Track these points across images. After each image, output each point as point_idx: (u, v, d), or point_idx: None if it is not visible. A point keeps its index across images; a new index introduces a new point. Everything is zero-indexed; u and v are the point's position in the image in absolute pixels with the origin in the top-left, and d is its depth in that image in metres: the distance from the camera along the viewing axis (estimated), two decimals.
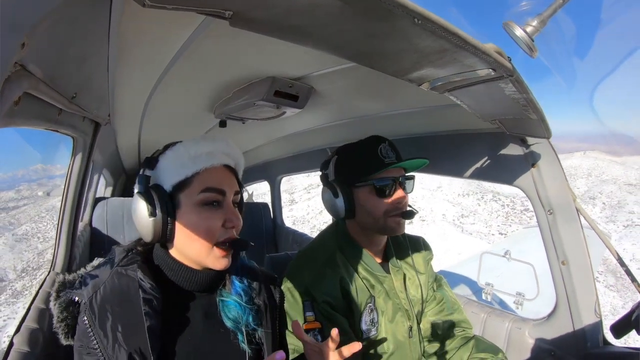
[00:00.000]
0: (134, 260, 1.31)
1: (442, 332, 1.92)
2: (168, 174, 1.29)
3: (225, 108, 2.29)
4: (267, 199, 4.92)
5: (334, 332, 1.37)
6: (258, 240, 4.43)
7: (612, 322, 1.53)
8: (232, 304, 1.37)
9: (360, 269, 1.81)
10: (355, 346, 1.37)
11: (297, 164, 4.06)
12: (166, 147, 1.34)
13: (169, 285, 1.32)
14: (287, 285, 1.71)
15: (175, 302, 1.31)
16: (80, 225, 2.50)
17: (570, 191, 1.85)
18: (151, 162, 1.32)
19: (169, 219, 1.25)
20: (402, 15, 0.80)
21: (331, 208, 1.87)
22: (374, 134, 1.85)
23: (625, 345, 1.79)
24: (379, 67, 1.19)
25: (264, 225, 4.58)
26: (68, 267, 2.33)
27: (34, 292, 2.01)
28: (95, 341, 1.17)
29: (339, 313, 1.68)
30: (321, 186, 1.92)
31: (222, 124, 2.65)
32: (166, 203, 1.25)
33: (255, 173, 4.89)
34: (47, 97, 1.14)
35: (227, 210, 1.30)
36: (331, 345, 1.36)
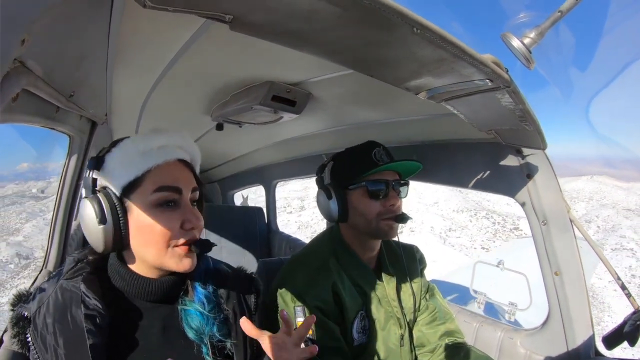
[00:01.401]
0: (80, 272, 1.21)
1: (434, 341, 1.92)
2: (116, 174, 1.17)
3: (222, 111, 2.29)
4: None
5: (311, 318, 1.25)
6: (252, 244, 4.41)
7: (604, 333, 1.53)
8: (194, 313, 1.25)
9: (353, 275, 1.80)
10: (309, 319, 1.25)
11: (292, 169, 4.06)
12: (113, 144, 1.22)
13: (121, 297, 1.23)
14: (278, 290, 1.71)
15: (128, 316, 1.22)
16: (74, 224, 2.48)
17: (565, 202, 1.86)
18: (97, 162, 1.19)
19: (120, 224, 1.15)
20: (401, 24, 0.81)
21: (325, 211, 1.87)
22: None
23: (617, 357, 1.80)
24: (376, 75, 1.20)
25: (257, 229, 4.56)
26: (60, 265, 2.32)
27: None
28: (38, 358, 1.11)
29: (331, 319, 1.67)
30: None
31: (219, 127, 2.65)
32: (115, 207, 1.14)
33: (250, 177, 4.87)
34: (45, 95, 1.13)
35: (184, 209, 1.20)
36: (285, 328, 1.20)
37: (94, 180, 1.19)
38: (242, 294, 1.40)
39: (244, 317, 1.21)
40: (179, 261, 1.18)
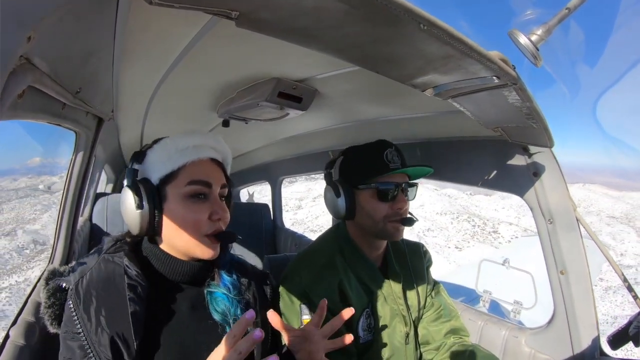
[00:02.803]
0: (122, 248, 1.34)
1: (439, 339, 1.92)
2: (155, 167, 1.33)
3: (228, 108, 2.29)
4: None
5: (323, 302, 1.38)
6: (257, 240, 4.42)
7: (610, 333, 1.53)
8: (220, 296, 1.38)
9: (359, 273, 1.80)
10: (347, 338, 1.37)
11: (298, 165, 4.06)
12: (155, 142, 1.38)
13: (156, 276, 1.34)
14: (284, 287, 1.70)
15: (162, 293, 1.32)
16: (80, 220, 2.49)
17: (571, 201, 1.85)
18: (139, 156, 1.36)
19: (155, 211, 1.28)
20: (408, 21, 0.80)
21: (332, 207, 1.87)
22: (376, 138, 1.86)
23: (622, 357, 1.79)
24: (383, 72, 1.19)
25: (263, 226, 4.57)
26: (67, 261, 2.33)
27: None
28: (78, 325, 1.18)
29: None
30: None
31: (225, 123, 2.65)
32: (153, 196, 1.27)
33: (256, 174, 4.88)
34: (51, 91, 1.14)
35: (213, 202, 1.33)
36: (317, 320, 1.36)
37: (135, 172, 1.34)
38: (260, 284, 1.57)
39: (270, 309, 1.37)
40: (205, 249, 1.31)
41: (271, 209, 4.74)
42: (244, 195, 5.80)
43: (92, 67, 1.40)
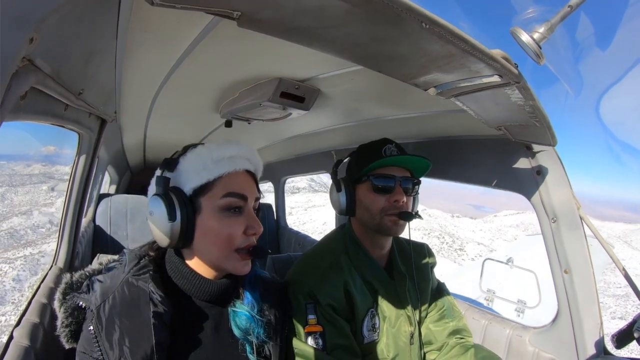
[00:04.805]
0: (147, 270, 1.28)
1: (441, 339, 1.92)
2: (189, 176, 1.26)
3: (231, 108, 2.30)
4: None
5: None
6: (261, 241, 4.40)
7: (614, 332, 1.52)
8: (243, 315, 1.33)
9: (364, 272, 1.80)
10: None
11: (301, 165, 4.06)
12: (186, 149, 1.31)
13: (180, 295, 1.30)
14: (290, 287, 1.70)
15: (186, 314, 1.29)
16: (84, 221, 2.50)
17: (575, 200, 1.84)
18: (171, 163, 1.28)
19: (188, 223, 1.21)
20: (410, 19, 0.80)
21: (334, 203, 1.91)
22: (379, 137, 1.87)
23: (626, 356, 1.78)
24: (385, 71, 1.19)
25: (266, 226, 4.57)
26: (70, 262, 2.34)
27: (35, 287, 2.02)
28: (100, 352, 1.14)
29: (342, 317, 1.67)
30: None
31: (228, 124, 2.66)
32: (187, 207, 1.21)
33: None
34: (53, 93, 1.14)
35: (248, 216, 1.29)
36: None
37: (167, 180, 1.26)
38: (281, 301, 1.53)
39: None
40: (238, 264, 1.27)
41: (274, 209, 4.74)
42: None
43: (95, 68, 1.40)
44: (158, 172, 1.30)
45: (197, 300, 1.32)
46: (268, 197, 5.01)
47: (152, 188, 1.28)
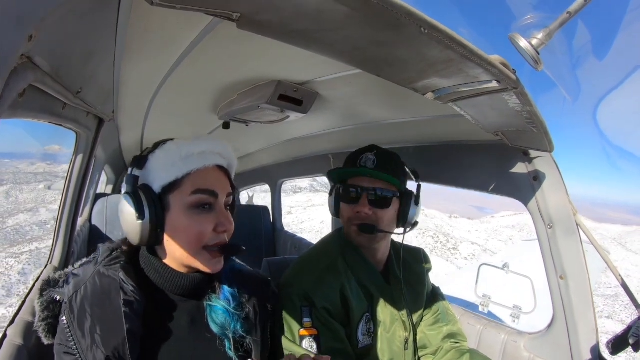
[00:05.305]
0: (118, 261, 1.27)
1: (436, 343, 1.91)
2: (157, 174, 1.24)
3: (229, 110, 2.30)
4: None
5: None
6: (257, 243, 4.42)
7: (609, 338, 1.52)
8: (220, 310, 1.31)
9: (360, 276, 1.79)
10: None
11: (298, 168, 4.06)
12: (156, 146, 1.30)
13: (154, 289, 1.29)
14: (285, 290, 1.70)
15: (160, 307, 1.28)
16: (80, 221, 2.49)
17: (571, 205, 1.84)
18: (140, 161, 1.27)
19: (157, 222, 1.20)
20: (409, 24, 0.81)
21: (328, 205, 1.97)
22: (376, 141, 1.87)
23: None
24: (384, 75, 1.20)
25: (263, 228, 4.56)
26: (65, 262, 2.33)
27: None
28: (73, 342, 1.14)
29: (337, 321, 1.67)
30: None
31: (226, 125, 2.65)
32: (155, 205, 1.20)
33: (256, 176, 4.88)
34: (52, 91, 1.14)
35: (219, 213, 1.27)
36: None
37: (136, 178, 1.25)
38: (261, 295, 1.48)
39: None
40: (208, 262, 1.26)
41: (271, 212, 4.74)
42: (243, 197, 5.79)
43: (93, 67, 1.40)
44: (128, 170, 1.29)
45: (171, 295, 1.31)
46: (267, 198, 5.01)
47: (123, 187, 1.27)
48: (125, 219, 1.21)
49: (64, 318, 1.17)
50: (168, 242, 1.25)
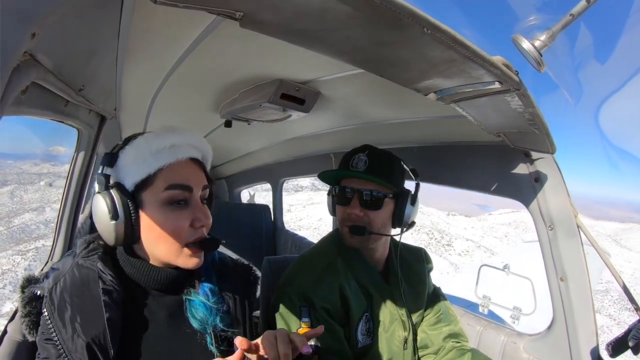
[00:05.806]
0: (95, 252, 1.25)
1: (438, 343, 1.91)
2: (129, 171, 1.20)
3: (231, 108, 2.30)
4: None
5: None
6: (257, 242, 4.41)
7: (609, 341, 1.52)
8: (199, 305, 1.28)
9: (359, 276, 1.79)
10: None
11: (300, 167, 4.05)
12: (126, 141, 1.25)
13: (131, 282, 1.26)
14: (285, 289, 1.70)
15: (138, 301, 1.25)
16: (81, 217, 2.49)
17: (572, 207, 1.84)
18: (110, 159, 1.22)
19: (132, 221, 1.17)
20: (411, 24, 0.81)
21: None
22: (378, 140, 1.87)
23: None
24: (386, 75, 1.19)
25: (264, 227, 4.56)
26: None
27: None
28: (54, 332, 1.13)
29: (336, 321, 1.67)
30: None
31: (228, 123, 2.65)
32: (128, 204, 1.17)
33: (257, 175, 4.88)
34: (54, 88, 1.14)
35: (195, 208, 1.22)
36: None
37: (107, 177, 1.20)
38: (243, 285, 1.45)
39: (238, 336, 1.13)
40: (187, 259, 1.22)
41: (272, 210, 4.74)
42: (244, 196, 5.78)
43: (96, 65, 1.40)
44: (99, 169, 1.23)
45: (149, 289, 1.28)
46: (267, 197, 5.01)
47: (95, 186, 1.22)
48: (99, 220, 1.18)
49: (45, 310, 1.15)
50: (145, 240, 1.22)
